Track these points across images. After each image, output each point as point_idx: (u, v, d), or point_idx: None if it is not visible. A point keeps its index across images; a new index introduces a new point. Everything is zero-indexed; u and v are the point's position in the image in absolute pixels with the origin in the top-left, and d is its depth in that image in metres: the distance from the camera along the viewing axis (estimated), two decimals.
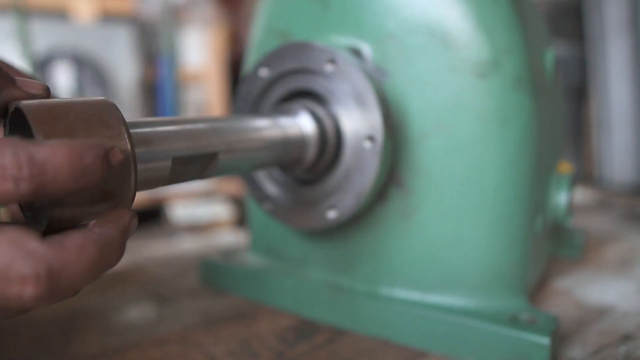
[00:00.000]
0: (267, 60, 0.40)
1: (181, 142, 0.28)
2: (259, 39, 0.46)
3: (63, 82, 1.47)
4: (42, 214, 0.21)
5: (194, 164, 0.29)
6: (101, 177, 0.20)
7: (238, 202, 0.84)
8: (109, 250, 0.21)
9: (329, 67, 0.37)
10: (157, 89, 1.65)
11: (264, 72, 0.40)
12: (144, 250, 0.65)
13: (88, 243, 0.20)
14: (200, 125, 0.30)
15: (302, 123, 0.37)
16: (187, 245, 0.68)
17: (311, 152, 0.38)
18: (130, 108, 1.56)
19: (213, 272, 0.51)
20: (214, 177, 0.32)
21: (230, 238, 0.72)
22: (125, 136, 0.23)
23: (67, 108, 0.22)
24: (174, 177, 0.29)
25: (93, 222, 0.22)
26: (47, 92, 0.24)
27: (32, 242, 0.19)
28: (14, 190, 0.18)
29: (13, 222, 0.23)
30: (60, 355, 0.38)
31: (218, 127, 0.31)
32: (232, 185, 0.99)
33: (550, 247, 0.53)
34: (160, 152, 0.27)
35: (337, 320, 0.42)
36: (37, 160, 0.18)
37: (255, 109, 0.42)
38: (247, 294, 0.48)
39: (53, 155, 0.18)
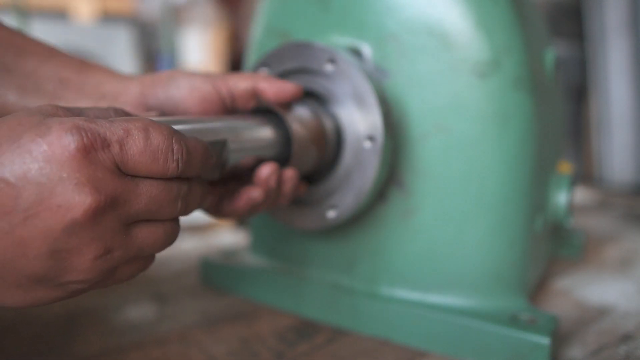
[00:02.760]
0: (267, 60, 0.40)
1: (192, 132, 0.28)
2: (259, 39, 0.46)
3: None
4: None
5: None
6: (212, 166, 0.29)
7: None
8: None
9: (329, 67, 0.37)
10: None
11: (264, 72, 0.40)
12: None
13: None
14: (208, 121, 0.31)
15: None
16: (187, 245, 0.68)
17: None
18: None
19: (213, 272, 0.51)
20: (225, 172, 0.32)
21: (230, 238, 0.72)
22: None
23: None
24: None
25: None
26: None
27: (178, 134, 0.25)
28: (175, 168, 0.24)
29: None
30: (61, 354, 0.38)
31: (221, 120, 0.32)
32: None
33: (550, 247, 0.53)
34: None
35: (337, 320, 0.42)
36: (189, 149, 0.25)
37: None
38: (247, 294, 0.48)
39: (195, 148, 0.26)
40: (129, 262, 0.25)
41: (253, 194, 0.34)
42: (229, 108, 0.36)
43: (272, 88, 0.36)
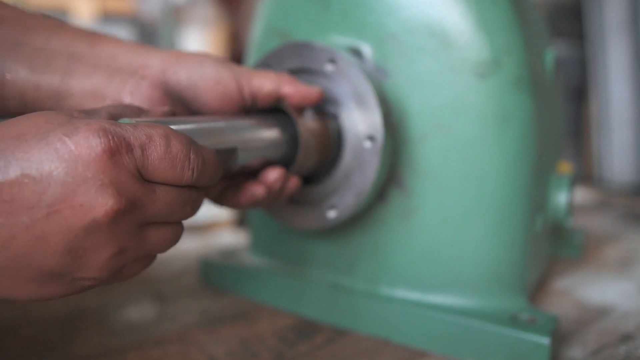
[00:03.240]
0: (267, 60, 0.40)
1: (204, 138, 0.29)
2: (259, 39, 0.46)
3: None
4: None
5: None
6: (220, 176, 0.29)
7: None
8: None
9: (329, 67, 0.37)
10: None
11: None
12: None
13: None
14: (219, 125, 0.31)
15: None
16: (187, 245, 0.68)
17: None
18: None
19: (213, 272, 0.51)
20: (231, 173, 0.32)
21: (230, 238, 0.72)
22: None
23: None
24: None
25: None
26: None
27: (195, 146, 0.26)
28: (190, 177, 0.25)
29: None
30: (60, 354, 0.38)
31: (234, 125, 0.32)
32: None
33: (550, 247, 0.53)
34: None
35: (337, 320, 0.42)
36: (205, 160, 0.26)
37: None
38: (247, 294, 0.48)
39: (209, 160, 0.27)
40: (137, 260, 0.26)
41: (256, 191, 0.34)
42: (248, 107, 0.36)
43: (298, 95, 0.35)
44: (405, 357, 0.38)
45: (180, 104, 0.34)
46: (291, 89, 0.35)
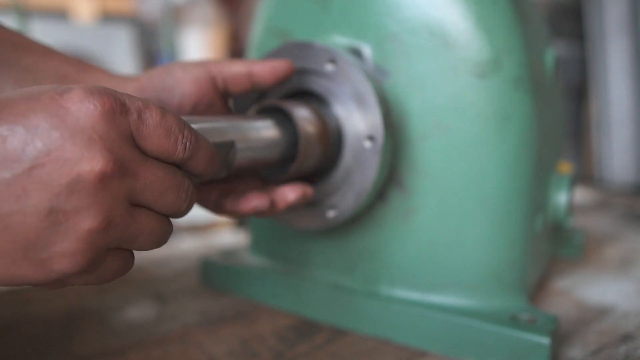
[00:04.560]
0: None
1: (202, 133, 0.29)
2: (259, 39, 0.46)
3: None
4: None
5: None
6: (217, 168, 0.29)
7: None
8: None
9: (329, 67, 0.37)
10: None
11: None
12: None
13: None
14: (216, 120, 0.31)
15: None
16: (187, 245, 0.68)
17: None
18: None
19: (213, 272, 0.51)
20: (232, 173, 0.32)
21: (230, 238, 0.72)
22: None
23: None
24: None
25: None
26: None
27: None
28: (183, 151, 0.25)
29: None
30: (61, 354, 0.38)
31: (232, 122, 0.32)
32: None
33: (550, 247, 0.53)
34: None
35: (337, 320, 0.42)
36: (198, 141, 0.26)
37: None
38: (247, 294, 0.48)
39: (203, 144, 0.26)
40: (118, 252, 0.24)
41: (260, 204, 0.34)
42: (221, 90, 0.36)
43: (268, 70, 0.36)
44: (405, 357, 0.38)
45: None
46: (260, 66, 0.36)
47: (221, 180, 0.36)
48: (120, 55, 1.56)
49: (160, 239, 0.26)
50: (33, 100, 0.21)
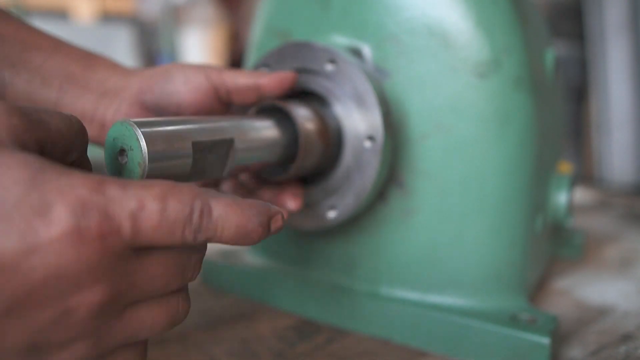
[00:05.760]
0: (267, 60, 0.40)
1: (199, 130, 0.28)
2: (259, 39, 0.46)
3: None
4: None
5: (214, 153, 0.30)
6: (257, 242, 0.24)
7: None
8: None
9: (329, 67, 0.37)
10: None
11: (264, 70, 0.40)
12: None
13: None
14: (215, 120, 0.31)
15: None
16: None
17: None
18: None
19: (213, 272, 0.51)
20: (232, 173, 0.32)
21: None
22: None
23: None
24: (197, 169, 0.29)
25: None
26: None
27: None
28: (193, 240, 0.21)
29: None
30: None
31: (231, 121, 0.32)
32: None
33: (550, 247, 0.53)
34: (181, 139, 0.27)
35: (338, 320, 0.42)
36: (213, 217, 0.22)
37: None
38: (247, 294, 0.48)
39: (226, 215, 0.22)
40: (126, 349, 0.22)
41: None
42: (224, 100, 0.36)
43: (275, 82, 0.35)
44: (405, 357, 0.38)
45: (160, 115, 0.36)
46: (267, 79, 0.36)
47: (221, 180, 0.36)
48: (120, 55, 1.56)
49: (171, 322, 0.23)
50: (6, 224, 0.17)
